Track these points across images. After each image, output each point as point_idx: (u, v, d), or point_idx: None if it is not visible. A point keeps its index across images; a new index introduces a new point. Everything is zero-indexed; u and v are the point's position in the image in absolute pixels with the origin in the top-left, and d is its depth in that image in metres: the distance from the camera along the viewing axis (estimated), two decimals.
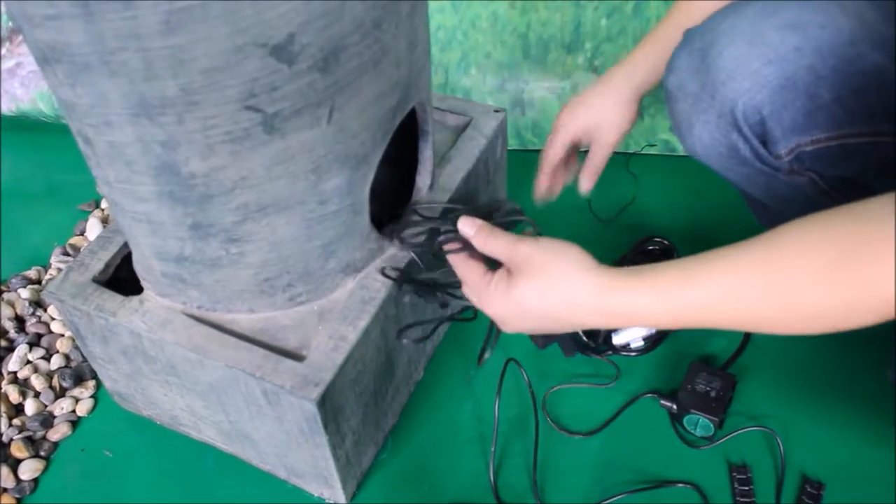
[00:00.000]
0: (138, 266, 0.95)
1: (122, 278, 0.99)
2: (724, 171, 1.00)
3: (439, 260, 0.87)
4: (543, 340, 1.09)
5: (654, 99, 1.40)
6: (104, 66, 0.67)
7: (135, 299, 0.95)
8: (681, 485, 1.01)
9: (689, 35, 0.94)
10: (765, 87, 0.87)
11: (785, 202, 1.01)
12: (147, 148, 0.73)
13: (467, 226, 0.81)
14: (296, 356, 0.88)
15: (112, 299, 0.95)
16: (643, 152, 1.46)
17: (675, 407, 1.06)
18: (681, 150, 1.44)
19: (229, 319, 0.93)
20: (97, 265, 0.99)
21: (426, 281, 0.92)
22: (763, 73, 0.87)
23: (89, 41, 0.65)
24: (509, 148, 1.43)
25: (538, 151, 1.12)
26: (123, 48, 0.65)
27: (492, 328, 0.94)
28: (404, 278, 0.93)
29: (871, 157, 0.91)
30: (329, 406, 0.86)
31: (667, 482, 1.01)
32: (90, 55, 0.66)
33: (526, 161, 1.42)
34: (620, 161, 1.44)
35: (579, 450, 1.06)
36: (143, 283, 0.96)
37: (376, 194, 0.90)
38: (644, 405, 1.09)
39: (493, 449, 1.03)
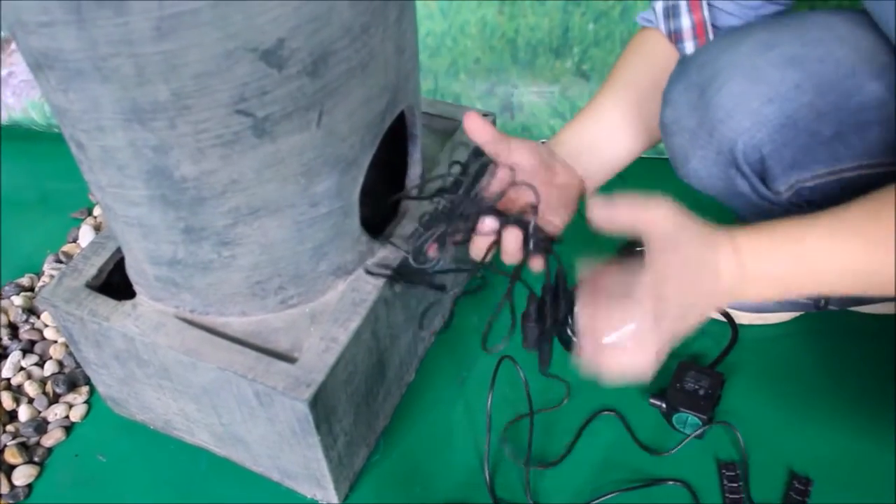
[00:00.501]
0: (131, 270, 0.96)
1: (115, 283, 1.00)
2: (720, 199, 0.99)
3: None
4: (533, 340, 1.08)
5: None
6: (97, 71, 0.68)
7: (128, 304, 0.95)
8: (671, 482, 1.02)
9: (685, 67, 0.93)
10: (765, 126, 0.86)
11: None
12: (139, 152, 0.74)
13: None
14: (288, 358, 0.88)
15: (105, 304, 0.96)
16: None
17: (664, 405, 1.07)
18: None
19: (222, 323, 0.94)
20: (90, 270, 0.99)
21: (417, 272, 0.91)
22: (763, 111, 0.86)
23: (82, 47, 0.66)
24: None
25: None
26: (116, 54, 0.66)
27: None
28: (393, 274, 0.94)
29: (870, 188, 0.88)
30: (321, 407, 0.86)
31: (657, 480, 1.02)
32: (83, 61, 0.67)
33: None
34: None
35: (573, 448, 1.07)
36: (136, 288, 0.97)
37: (366, 197, 0.92)
38: (635, 404, 1.10)
39: (486, 448, 1.04)
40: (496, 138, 0.87)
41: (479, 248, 0.83)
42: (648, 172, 1.44)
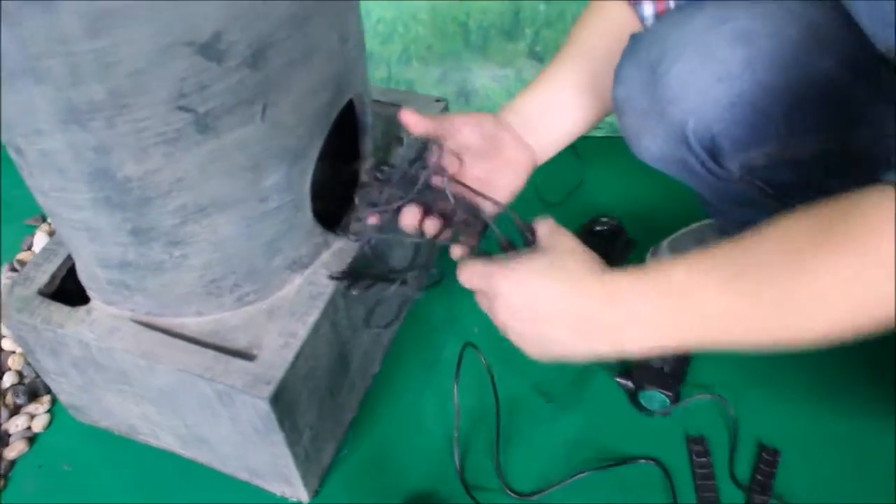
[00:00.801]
0: (83, 275, 0.94)
1: (68, 290, 0.98)
2: (675, 176, 0.98)
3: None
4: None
5: None
6: (29, 72, 0.66)
7: (82, 309, 0.94)
8: (642, 461, 1.02)
9: (635, 44, 0.91)
10: (715, 106, 0.84)
11: (735, 204, 1.00)
12: (79, 154, 0.73)
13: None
14: (246, 356, 0.87)
15: (59, 311, 0.94)
16: (589, 134, 1.47)
17: (631, 384, 1.07)
18: None
19: (178, 324, 0.92)
20: (42, 278, 0.97)
21: (378, 275, 0.92)
22: (713, 91, 0.84)
23: (12, 48, 0.64)
24: None
25: None
26: (48, 53, 0.65)
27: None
28: (353, 277, 0.93)
29: (820, 164, 0.89)
30: (282, 403, 0.85)
31: (628, 459, 1.03)
32: (15, 62, 0.65)
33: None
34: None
35: (541, 431, 1.06)
36: (90, 293, 0.95)
37: (320, 189, 0.90)
38: (602, 384, 1.10)
39: (455, 434, 1.03)
40: (436, 124, 0.86)
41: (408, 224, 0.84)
42: (605, 151, 1.45)
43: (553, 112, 0.97)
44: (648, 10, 0.95)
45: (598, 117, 1.00)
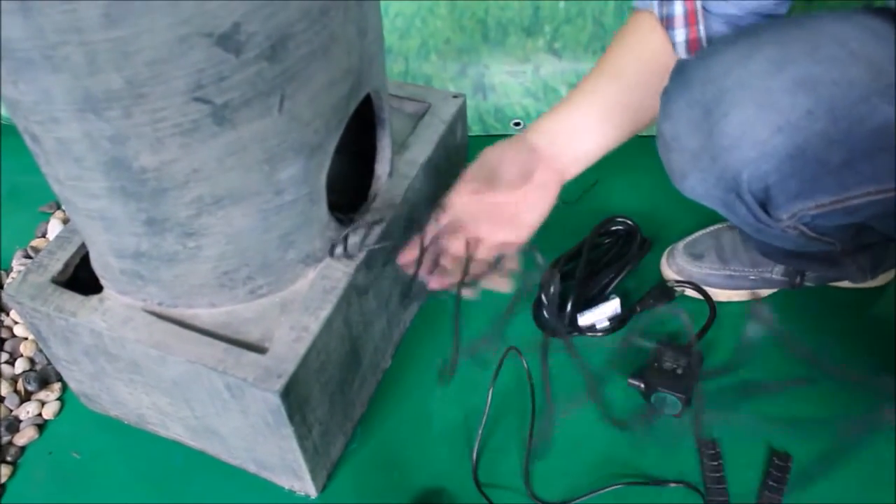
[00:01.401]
0: (96, 264, 0.94)
1: (82, 278, 0.98)
2: (715, 210, 0.95)
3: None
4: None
5: None
6: (46, 61, 0.66)
7: (94, 298, 0.94)
8: (675, 484, 1.01)
9: (685, 76, 0.87)
10: (773, 158, 0.81)
11: (774, 242, 1.00)
12: (95, 143, 0.72)
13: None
14: (258, 349, 0.87)
15: (72, 299, 0.94)
16: None
17: (642, 385, 1.06)
18: (643, 132, 1.45)
19: (191, 315, 0.92)
20: (56, 265, 0.97)
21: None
22: (772, 142, 0.80)
23: (29, 36, 0.64)
24: (472, 134, 1.43)
25: (501, 136, 1.11)
26: (65, 42, 0.64)
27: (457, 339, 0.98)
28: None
29: (871, 211, 0.86)
30: (293, 397, 0.85)
31: (661, 481, 1.02)
32: (31, 50, 0.65)
33: (489, 144, 1.42)
34: None
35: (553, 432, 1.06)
36: (103, 282, 0.95)
37: (337, 184, 0.90)
38: (613, 384, 1.10)
39: (480, 432, 1.03)
40: (450, 216, 0.99)
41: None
42: (621, 151, 1.44)
43: (580, 134, 0.99)
44: (680, 36, 0.96)
45: (624, 140, 1.01)
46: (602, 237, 1.24)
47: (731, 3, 0.93)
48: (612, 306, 1.13)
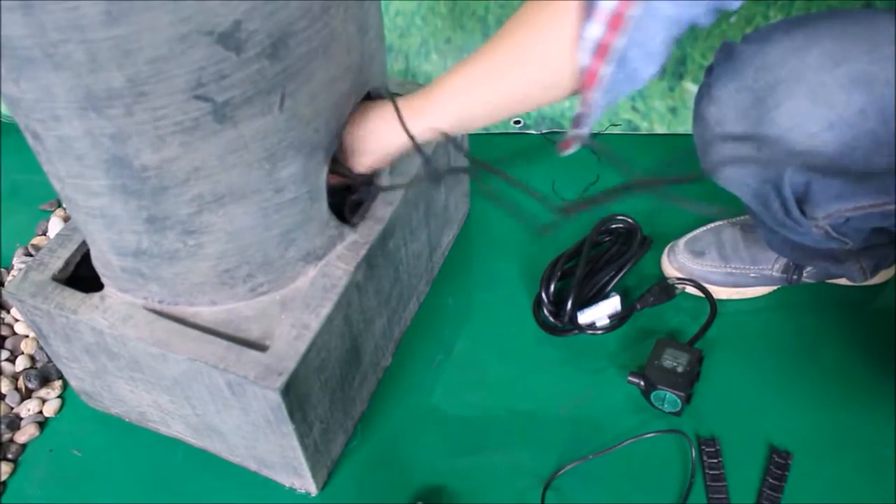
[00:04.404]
0: (97, 262, 0.94)
1: (82, 276, 0.98)
2: (739, 196, 0.93)
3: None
4: None
5: None
6: (47, 59, 0.66)
7: (95, 296, 0.94)
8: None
9: (737, 61, 0.85)
10: (821, 154, 0.79)
11: (792, 236, 0.98)
12: (96, 141, 0.73)
13: None
14: (259, 346, 0.87)
15: (72, 297, 0.94)
16: (606, 132, 1.46)
17: (642, 383, 1.06)
18: (644, 129, 1.45)
19: (192, 313, 0.92)
20: (57, 263, 0.97)
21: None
22: (822, 137, 0.79)
23: (30, 34, 0.64)
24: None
25: (501, 135, 1.11)
26: (66, 40, 0.64)
27: None
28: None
29: None
30: (294, 395, 0.85)
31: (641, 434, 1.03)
32: (32, 48, 0.65)
33: (489, 143, 1.42)
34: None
35: (552, 429, 1.06)
36: (103, 280, 0.95)
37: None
38: (612, 382, 1.10)
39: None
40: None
41: None
42: (622, 149, 1.44)
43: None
44: (594, 32, 0.74)
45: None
46: (602, 235, 1.24)
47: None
48: (613, 304, 1.13)
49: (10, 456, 1.08)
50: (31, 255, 1.34)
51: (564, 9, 0.75)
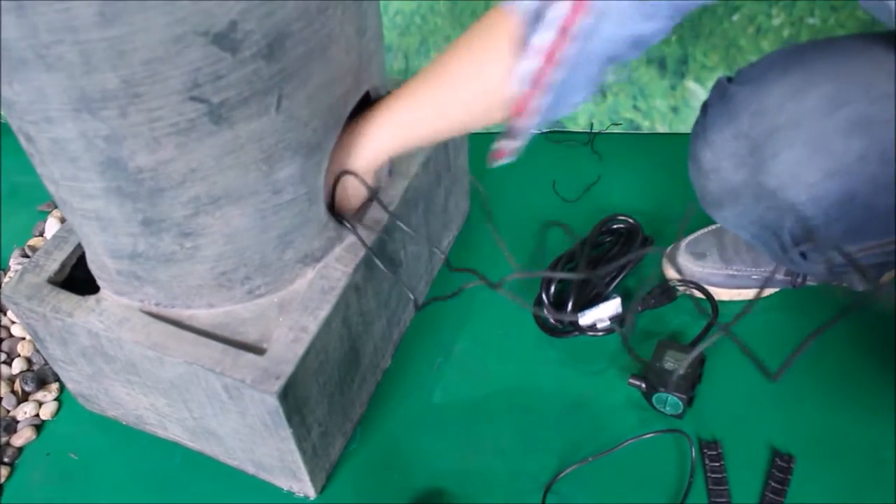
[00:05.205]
0: (93, 265, 0.93)
1: (78, 278, 0.97)
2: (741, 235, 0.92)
3: None
4: None
5: (617, 77, 1.39)
6: (40, 60, 0.65)
7: (91, 299, 0.93)
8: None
9: (733, 104, 0.83)
10: (822, 202, 0.78)
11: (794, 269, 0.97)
12: (91, 143, 0.72)
13: None
14: (256, 349, 0.86)
15: (68, 300, 0.93)
16: (607, 131, 1.46)
17: (643, 386, 1.06)
18: (645, 129, 1.44)
19: (188, 315, 0.91)
20: (52, 266, 0.97)
21: None
22: (823, 185, 0.77)
23: (23, 35, 0.63)
24: None
25: (500, 133, 1.10)
26: (59, 41, 0.63)
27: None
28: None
29: None
30: (291, 398, 0.84)
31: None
32: (25, 50, 0.64)
33: (489, 142, 1.41)
34: (584, 140, 1.44)
35: (553, 431, 1.05)
36: (99, 282, 0.94)
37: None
38: (613, 384, 1.09)
39: None
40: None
41: None
42: (623, 149, 1.43)
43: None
44: (528, 66, 0.78)
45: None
46: (603, 235, 1.23)
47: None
48: (613, 305, 1.12)
49: (6, 459, 1.08)
50: (27, 257, 1.33)
51: (503, 39, 0.79)
